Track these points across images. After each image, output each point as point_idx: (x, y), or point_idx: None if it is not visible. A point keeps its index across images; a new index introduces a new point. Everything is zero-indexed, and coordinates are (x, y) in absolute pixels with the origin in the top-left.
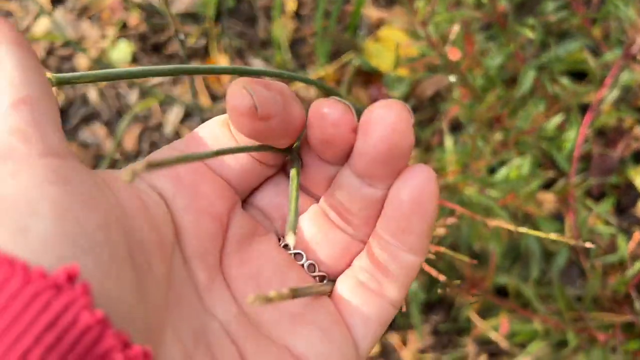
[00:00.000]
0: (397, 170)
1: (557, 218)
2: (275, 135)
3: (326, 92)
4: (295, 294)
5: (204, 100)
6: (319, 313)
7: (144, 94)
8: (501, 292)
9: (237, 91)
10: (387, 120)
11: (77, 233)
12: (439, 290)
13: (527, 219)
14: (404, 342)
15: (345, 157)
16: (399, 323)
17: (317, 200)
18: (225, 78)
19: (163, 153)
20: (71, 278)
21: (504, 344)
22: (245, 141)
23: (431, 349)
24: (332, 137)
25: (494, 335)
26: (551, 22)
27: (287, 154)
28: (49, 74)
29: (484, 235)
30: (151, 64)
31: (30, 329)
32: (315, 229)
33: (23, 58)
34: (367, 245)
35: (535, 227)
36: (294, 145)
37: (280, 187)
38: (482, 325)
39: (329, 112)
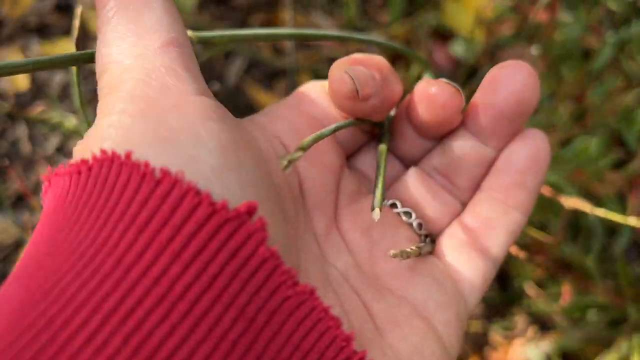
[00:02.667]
0: (515, 130)
1: (622, 198)
2: (373, 112)
3: (402, 54)
4: (420, 250)
5: (267, 53)
6: (432, 267)
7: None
8: (560, 265)
9: (339, 76)
10: (518, 76)
11: (238, 168)
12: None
13: (591, 196)
14: None
15: (443, 135)
16: None
17: (408, 166)
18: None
19: (280, 109)
20: (250, 212)
21: (557, 313)
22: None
23: (479, 317)
24: (439, 118)
25: (549, 307)
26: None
27: (379, 127)
28: (190, 33)
29: (546, 207)
30: (216, 14)
31: (216, 258)
32: (419, 190)
33: (168, 5)
34: (471, 203)
35: (599, 205)
36: (385, 118)
37: (375, 153)
38: (539, 295)
39: (438, 94)
